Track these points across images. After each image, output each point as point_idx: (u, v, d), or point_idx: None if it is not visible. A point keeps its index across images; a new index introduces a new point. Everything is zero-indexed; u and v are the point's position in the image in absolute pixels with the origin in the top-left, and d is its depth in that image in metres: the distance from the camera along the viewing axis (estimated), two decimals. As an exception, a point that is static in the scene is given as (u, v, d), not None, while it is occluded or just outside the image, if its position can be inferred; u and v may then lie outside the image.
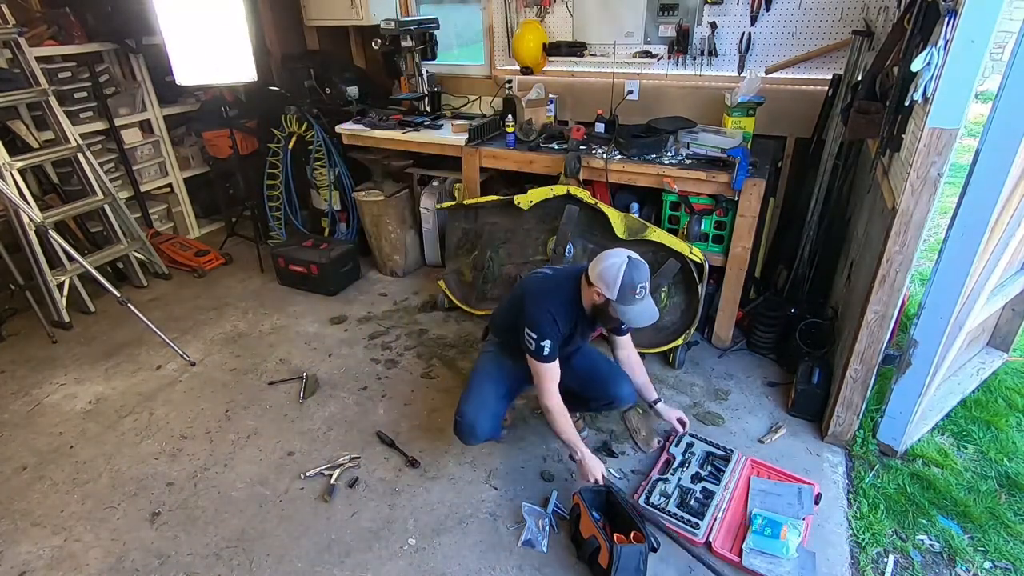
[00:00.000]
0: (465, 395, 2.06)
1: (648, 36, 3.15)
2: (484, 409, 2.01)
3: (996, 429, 2.31)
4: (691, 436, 2.26)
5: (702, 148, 2.65)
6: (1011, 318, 2.66)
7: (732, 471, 2.10)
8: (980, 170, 1.69)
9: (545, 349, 1.85)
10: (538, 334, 1.85)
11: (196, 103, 4.12)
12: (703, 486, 2.05)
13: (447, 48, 3.81)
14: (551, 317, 1.86)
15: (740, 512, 1.97)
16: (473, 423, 1.98)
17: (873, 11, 2.60)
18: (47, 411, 2.58)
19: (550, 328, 1.86)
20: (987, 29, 1.51)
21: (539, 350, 1.86)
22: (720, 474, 2.09)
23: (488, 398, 2.03)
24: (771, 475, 2.11)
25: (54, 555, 1.92)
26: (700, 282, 2.56)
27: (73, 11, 3.39)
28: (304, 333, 3.12)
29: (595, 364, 2.16)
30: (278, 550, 1.92)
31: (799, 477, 2.08)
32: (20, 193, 2.93)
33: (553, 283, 1.96)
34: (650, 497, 2.02)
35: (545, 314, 1.86)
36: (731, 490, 2.04)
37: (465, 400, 2.03)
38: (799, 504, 1.95)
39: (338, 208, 3.71)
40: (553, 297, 1.90)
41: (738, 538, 1.88)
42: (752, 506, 1.97)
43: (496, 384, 2.06)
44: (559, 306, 1.89)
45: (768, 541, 1.82)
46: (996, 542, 1.88)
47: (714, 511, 1.95)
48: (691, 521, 1.92)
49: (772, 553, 1.80)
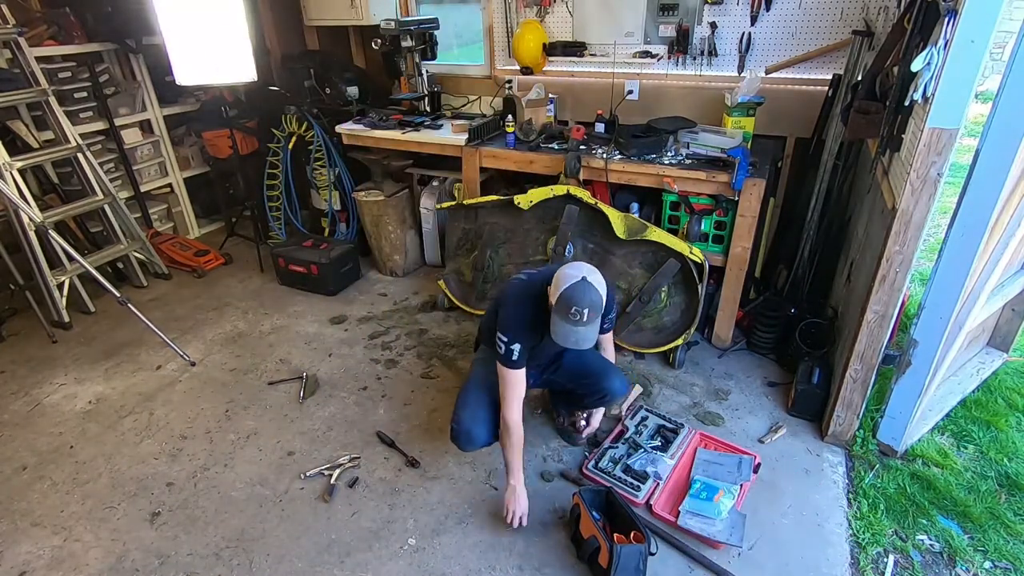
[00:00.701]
0: (460, 403, 2.04)
1: (648, 36, 3.15)
2: (479, 416, 1.99)
3: (996, 429, 2.31)
4: (646, 410, 2.41)
5: (702, 148, 2.66)
6: (1011, 318, 2.66)
7: (680, 443, 2.25)
8: (980, 170, 1.69)
9: (514, 353, 1.83)
10: (508, 337, 1.82)
11: (196, 103, 4.12)
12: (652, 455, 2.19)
13: (447, 48, 3.82)
14: (522, 320, 1.84)
15: (684, 479, 2.11)
16: (469, 430, 1.97)
17: (873, 11, 2.60)
18: (47, 411, 2.58)
19: (520, 332, 1.83)
20: (987, 29, 1.51)
21: (508, 354, 1.84)
22: (668, 445, 2.24)
23: (482, 405, 2.01)
24: (718, 447, 2.25)
25: (54, 555, 1.92)
26: (700, 282, 2.56)
27: (73, 11, 3.39)
28: (304, 333, 3.12)
29: (585, 360, 2.15)
30: (278, 550, 1.92)
31: (743, 449, 2.21)
32: (20, 193, 2.93)
33: (526, 287, 1.93)
34: (599, 463, 2.17)
35: (516, 317, 1.84)
36: (677, 459, 2.19)
37: (460, 408, 2.01)
38: (738, 472, 2.10)
39: (338, 208, 3.71)
40: (526, 300, 1.88)
41: (678, 502, 2.01)
42: (695, 473, 2.11)
43: (490, 391, 2.04)
44: (531, 308, 1.86)
45: (703, 504, 1.96)
46: (996, 542, 1.88)
47: (655, 477, 2.09)
48: (634, 484, 2.06)
49: (706, 515, 1.93)
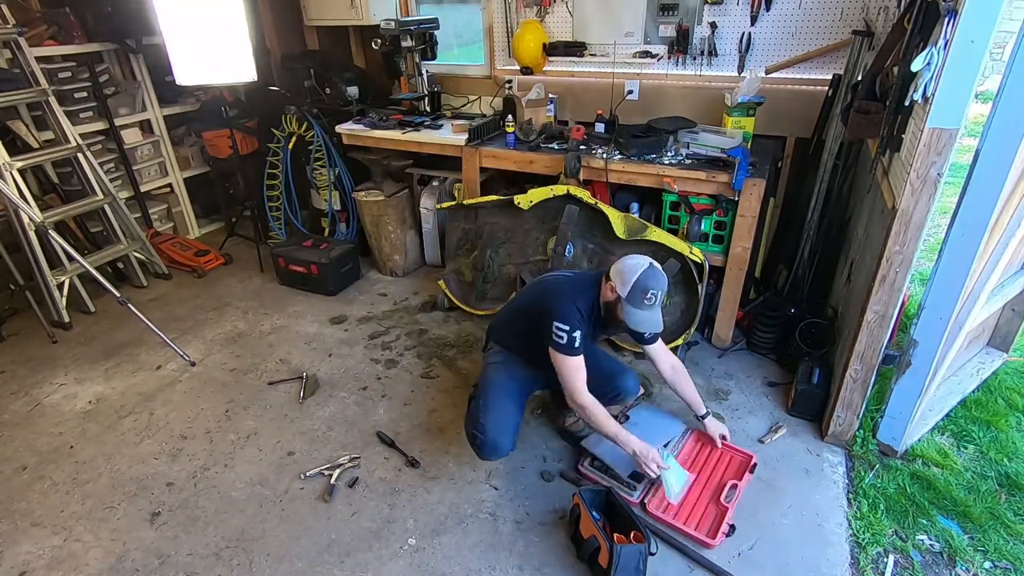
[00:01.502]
0: (482, 409, 1.98)
1: (648, 36, 3.15)
2: (506, 426, 1.97)
3: (996, 429, 2.31)
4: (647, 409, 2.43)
5: (702, 148, 2.66)
6: (1011, 318, 2.66)
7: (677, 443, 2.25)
8: (980, 170, 1.69)
9: (576, 341, 1.86)
10: (569, 326, 1.85)
11: (196, 103, 4.12)
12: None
13: (447, 48, 3.82)
14: (578, 311, 1.89)
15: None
16: (496, 441, 1.93)
17: (873, 11, 2.60)
18: (47, 411, 2.58)
19: (580, 321, 1.87)
20: (987, 29, 1.51)
21: (571, 342, 1.86)
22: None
23: (509, 414, 1.99)
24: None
25: (54, 555, 1.92)
26: (700, 282, 2.56)
27: (73, 11, 3.39)
28: (304, 333, 3.12)
29: (599, 360, 2.18)
30: (278, 550, 1.92)
31: (741, 450, 2.21)
32: (20, 193, 2.93)
33: (576, 282, 2.01)
34: (595, 461, 2.16)
35: (573, 308, 1.89)
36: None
37: (483, 415, 1.96)
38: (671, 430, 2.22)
39: (338, 208, 3.71)
40: (579, 294, 1.94)
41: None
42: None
43: (514, 398, 2.05)
44: (584, 303, 1.92)
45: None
46: (996, 542, 1.88)
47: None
48: (630, 484, 2.06)
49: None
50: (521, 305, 2.18)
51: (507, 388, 2.06)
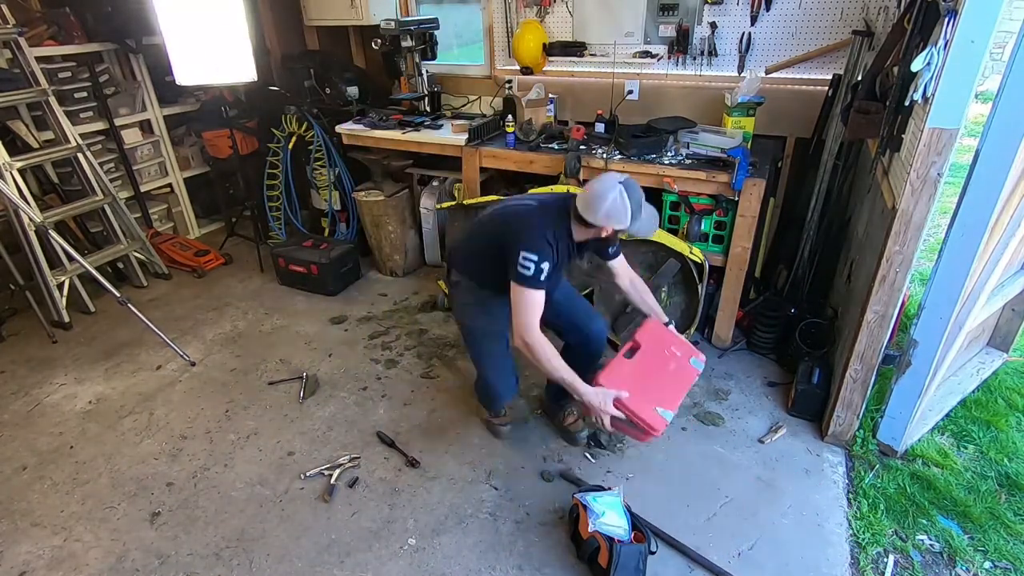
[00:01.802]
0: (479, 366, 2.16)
1: (648, 36, 3.15)
2: (504, 372, 2.13)
3: (996, 429, 2.31)
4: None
5: (702, 148, 2.65)
6: (1011, 318, 2.66)
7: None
8: (980, 170, 1.69)
9: (543, 272, 1.75)
10: (538, 256, 1.74)
11: (196, 103, 4.12)
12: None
13: (447, 48, 3.81)
14: (548, 242, 1.78)
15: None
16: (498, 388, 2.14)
17: (873, 11, 2.60)
18: (47, 411, 2.58)
19: (550, 252, 1.77)
20: (987, 29, 1.51)
21: (538, 273, 1.75)
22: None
23: (501, 358, 2.12)
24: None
25: (54, 555, 1.92)
26: (700, 282, 2.57)
27: (73, 11, 3.39)
28: (304, 333, 3.12)
29: (572, 298, 2.21)
30: (278, 550, 1.92)
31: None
32: (20, 193, 2.93)
33: (543, 212, 1.88)
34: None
35: (543, 238, 1.78)
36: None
37: (484, 367, 2.13)
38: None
39: (338, 208, 3.71)
40: (549, 224, 1.82)
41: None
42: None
43: (500, 340, 2.08)
44: (554, 233, 1.81)
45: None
46: (996, 542, 1.88)
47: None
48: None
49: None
50: (487, 231, 2.00)
51: (492, 332, 2.08)
